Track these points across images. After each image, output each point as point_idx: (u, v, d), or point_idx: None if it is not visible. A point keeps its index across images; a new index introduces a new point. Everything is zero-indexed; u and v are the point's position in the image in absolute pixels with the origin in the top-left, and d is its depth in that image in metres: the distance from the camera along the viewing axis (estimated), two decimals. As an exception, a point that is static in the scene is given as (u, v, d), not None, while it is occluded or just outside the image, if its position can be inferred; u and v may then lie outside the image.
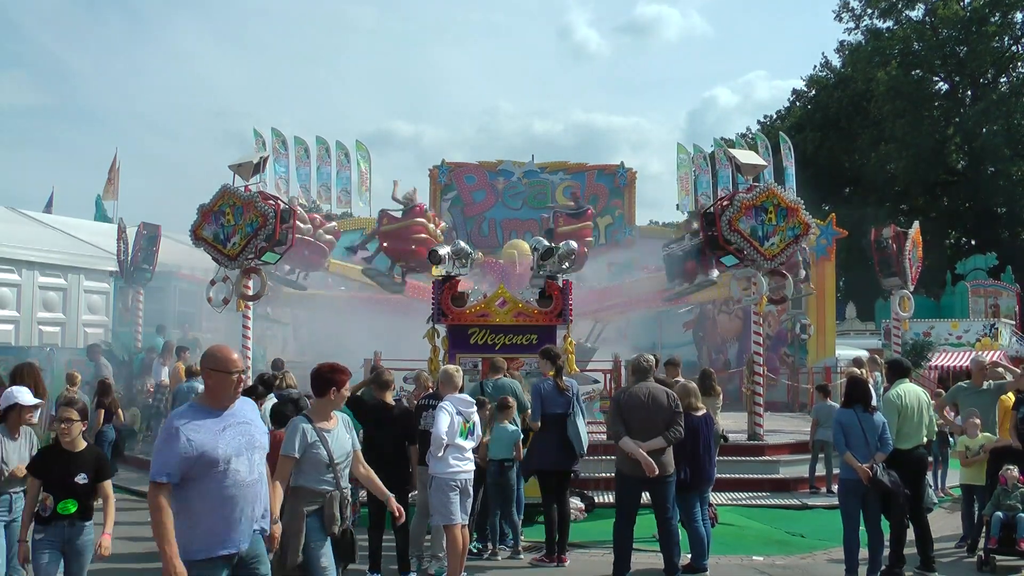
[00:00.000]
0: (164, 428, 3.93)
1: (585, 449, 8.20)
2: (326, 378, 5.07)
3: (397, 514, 5.37)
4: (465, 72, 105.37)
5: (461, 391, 7.47)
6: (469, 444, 7.10)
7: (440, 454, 6.94)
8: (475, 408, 7.30)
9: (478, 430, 7.28)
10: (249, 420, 4.13)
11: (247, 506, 4.02)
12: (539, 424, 8.15)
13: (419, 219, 16.66)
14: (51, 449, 5.52)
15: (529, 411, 8.45)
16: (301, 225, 16.27)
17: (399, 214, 17.33)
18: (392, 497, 5.36)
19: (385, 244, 16.70)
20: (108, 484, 5.52)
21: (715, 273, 15.56)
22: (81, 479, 5.32)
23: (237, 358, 4.10)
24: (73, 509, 5.29)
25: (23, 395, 6.12)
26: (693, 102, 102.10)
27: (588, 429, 8.91)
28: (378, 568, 7.42)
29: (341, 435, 5.07)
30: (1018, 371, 9.16)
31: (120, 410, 11.87)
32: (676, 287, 17.05)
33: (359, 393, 8.27)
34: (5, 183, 65.10)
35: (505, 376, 9.06)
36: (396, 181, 18.16)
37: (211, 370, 4.01)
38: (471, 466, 7.09)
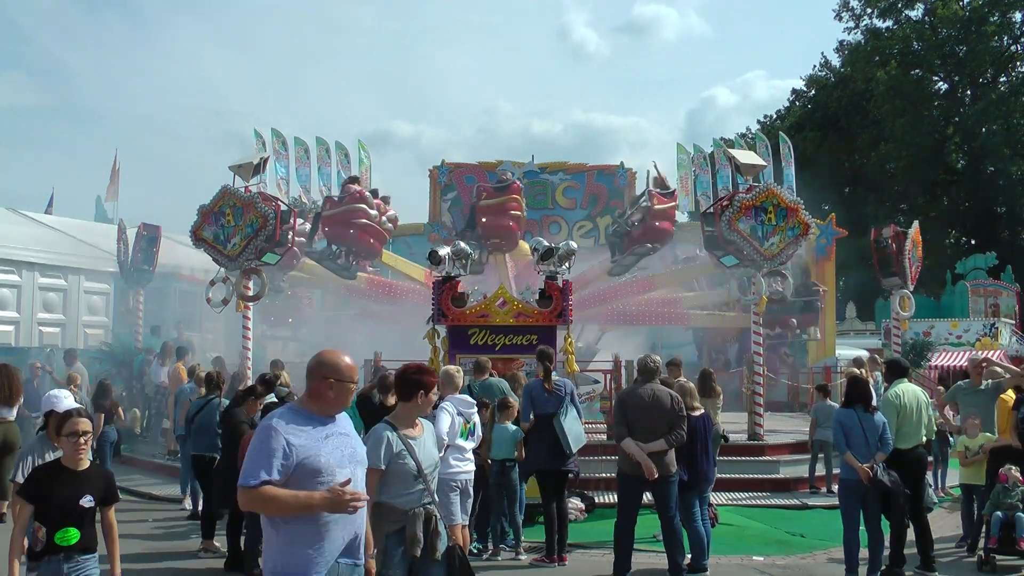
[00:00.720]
0: (260, 429, 3.57)
1: (574, 448, 8.17)
2: (413, 380, 4.56)
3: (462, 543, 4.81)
4: (464, 72, 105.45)
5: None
6: (470, 444, 7.12)
7: (441, 454, 6.96)
8: (476, 408, 7.31)
9: (479, 430, 7.29)
10: (349, 432, 3.74)
11: (350, 525, 3.58)
12: (527, 425, 8.27)
13: (359, 204, 16.46)
14: (50, 467, 4.66)
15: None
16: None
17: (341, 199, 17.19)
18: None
19: (326, 229, 16.61)
20: (113, 513, 4.72)
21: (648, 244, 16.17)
22: (87, 502, 4.47)
23: (355, 365, 3.76)
24: (75, 539, 4.41)
25: (60, 401, 5.67)
26: (692, 102, 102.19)
27: (587, 429, 8.92)
28: None
29: (428, 443, 4.58)
30: (1017, 369, 9.16)
31: (120, 410, 11.87)
32: (620, 259, 17.32)
33: (369, 394, 8.32)
34: (5, 184, 65.18)
35: (492, 376, 9.13)
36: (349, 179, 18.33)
37: (331, 379, 3.59)
38: (471, 466, 7.11)
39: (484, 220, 16.78)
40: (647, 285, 19.41)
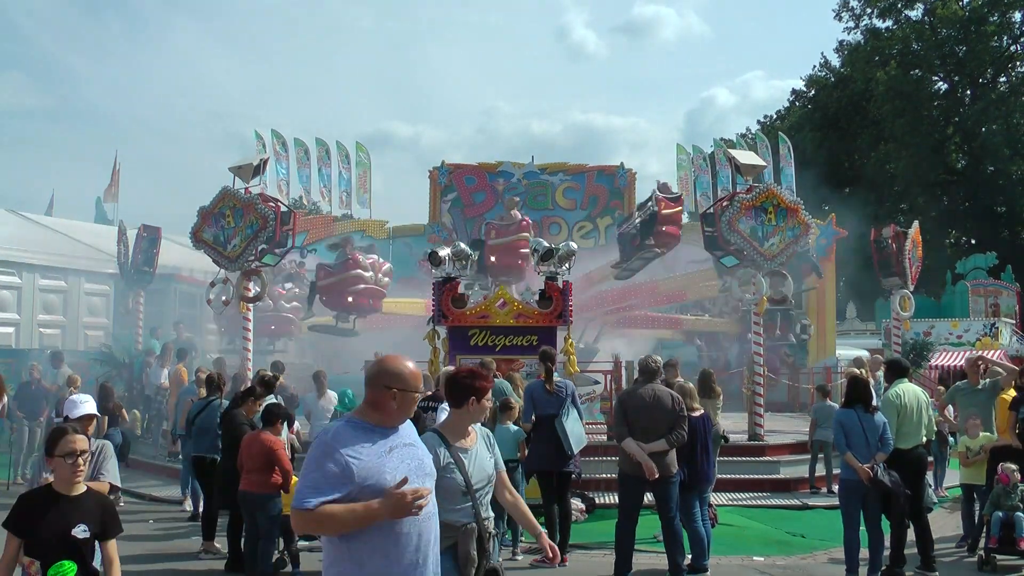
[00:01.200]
0: (316, 446, 3.20)
1: (575, 449, 8.19)
2: (464, 385, 4.11)
3: (552, 555, 4.44)
4: (463, 73, 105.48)
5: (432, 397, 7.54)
6: None
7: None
8: None
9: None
10: (415, 442, 3.41)
11: (423, 546, 3.26)
12: (529, 425, 8.28)
13: (354, 271, 16.83)
14: (39, 494, 4.06)
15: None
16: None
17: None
18: (544, 533, 4.45)
19: (323, 298, 17.04)
20: (114, 546, 4.08)
21: (653, 242, 16.32)
22: (81, 532, 3.93)
23: (420, 372, 3.44)
24: (72, 574, 3.90)
25: (77, 406, 5.43)
26: (691, 102, 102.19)
27: (588, 430, 8.92)
28: None
29: (481, 455, 4.15)
30: (1012, 367, 9.18)
31: (124, 411, 11.84)
32: (627, 263, 17.43)
33: None
34: (6, 185, 65.19)
35: (498, 376, 9.13)
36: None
37: (395, 389, 3.25)
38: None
39: (493, 259, 17.08)
40: (652, 289, 19.59)
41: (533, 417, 8.31)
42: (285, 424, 7.99)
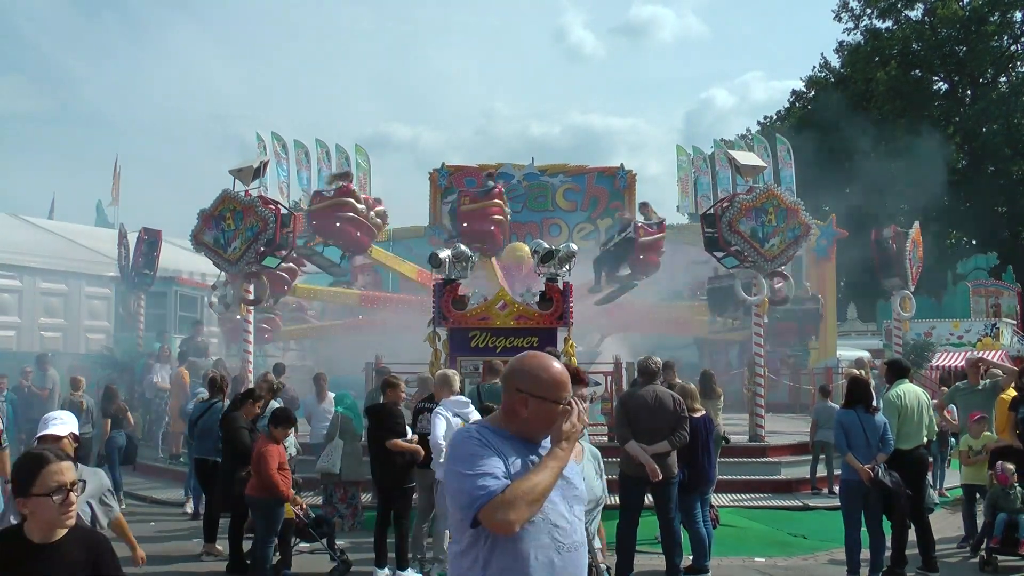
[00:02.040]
0: (462, 442, 2.69)
1: None
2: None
3: None
4: (461, 75, 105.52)
5: (461, 394, 7.54)
6: None
7: (443, 459, 6.98)
8: (472, 409, 7.30)
9: None
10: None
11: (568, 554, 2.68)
12: None
13: (345, 198, 16.51)
14: (8, 540, 2.94)
15: None
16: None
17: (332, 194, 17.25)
18: None
19: (313, 223, 16.66)
20: None
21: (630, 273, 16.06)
22: None
23: (566, 376, 2.79)
24: None
25: (48, 424, 4.67)
26: (690, 103, 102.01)
27: (588, 431, 8.87)
28: (384, 563, 7.60)
29: (589, 474, 3.67)
30: (1010, 367, 9.18)
31: (129, 414, 11.79)
32: (602, 293, 17.10)
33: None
34: (7, 189, 65.21)
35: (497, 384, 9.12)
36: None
37: (533, 396, 2.68)
38: None
39: (465, 225, 16.78)
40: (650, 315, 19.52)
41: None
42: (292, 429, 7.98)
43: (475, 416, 7.30)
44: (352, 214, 16.40)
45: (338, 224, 16.33)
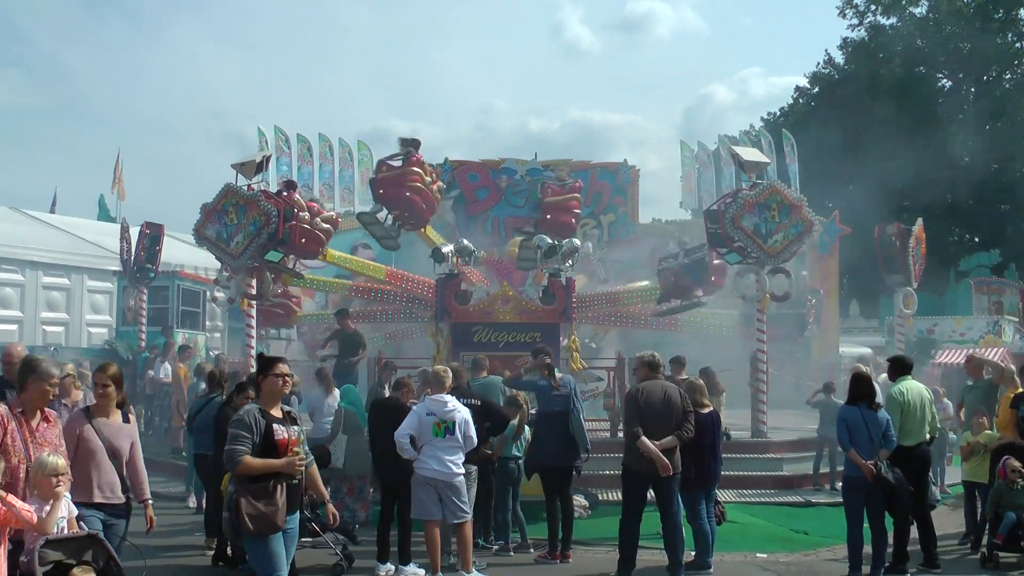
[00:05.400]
0: None
1: (589, 446, 8.26)
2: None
3: None
4: (460, 70, 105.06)
5: (455, 390, 7.54)
6: (444, 443, 7.09)
7: (405, 455, 7.09)
8: (451, 407, 7.23)
9: (460, 430, 7.15)
10: None
11: None
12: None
13: (415, 168, 16.22)
14: None
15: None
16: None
17: (399, 163, 16.89)
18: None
19: (381, 191, 16.33)
20: None
21: (701, 294, 15.47)
22: None
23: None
24: None
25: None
26: (689, 99, 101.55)
27: (590, 426, 8.91)
28: (386, 558, 7.60)
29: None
30: (1002, 365, 9.19)
31: (131, 407, 11.75)
32: (668, 304, 16.80)
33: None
34: (8, 184, 65.29)
35: (488, 374, 9.17)
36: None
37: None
38: (450, 466, 7.07)
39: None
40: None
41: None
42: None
43: (456, 415, 7.19)
44: (420, 184, 16.11)
45: (408, 194, 15.76)
